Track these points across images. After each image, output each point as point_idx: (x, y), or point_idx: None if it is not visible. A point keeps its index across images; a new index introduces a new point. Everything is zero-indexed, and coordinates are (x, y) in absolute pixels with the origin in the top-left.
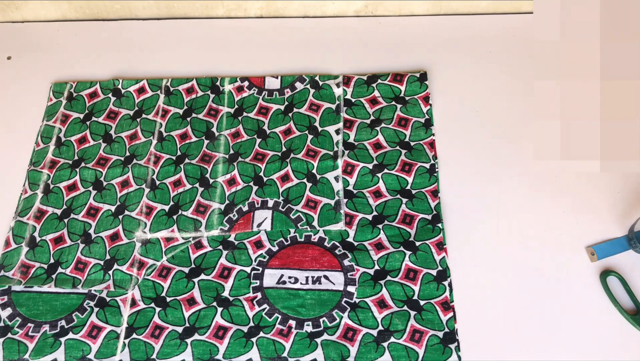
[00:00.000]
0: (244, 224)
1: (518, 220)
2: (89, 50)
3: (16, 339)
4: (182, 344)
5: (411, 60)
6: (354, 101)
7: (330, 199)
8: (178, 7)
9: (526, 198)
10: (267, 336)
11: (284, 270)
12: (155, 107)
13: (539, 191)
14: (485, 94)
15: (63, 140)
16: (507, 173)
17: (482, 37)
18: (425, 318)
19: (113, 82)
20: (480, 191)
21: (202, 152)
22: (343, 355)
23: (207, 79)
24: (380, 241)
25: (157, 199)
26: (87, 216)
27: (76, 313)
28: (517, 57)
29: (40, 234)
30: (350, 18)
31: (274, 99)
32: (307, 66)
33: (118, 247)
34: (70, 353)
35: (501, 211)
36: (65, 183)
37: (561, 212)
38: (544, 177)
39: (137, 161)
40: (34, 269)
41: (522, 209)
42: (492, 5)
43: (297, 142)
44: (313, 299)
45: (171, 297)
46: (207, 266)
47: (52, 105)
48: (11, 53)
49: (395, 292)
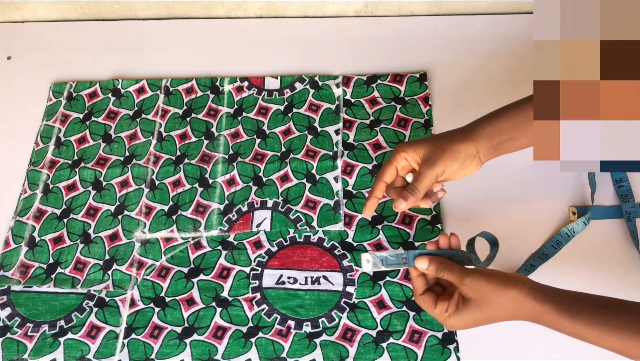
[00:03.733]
0: (244, 225)
1: (518, 220)
2: (89, 50)
3: (15, 339)
4: (181, 344)
5: (411, 60)
6: (354, 102)
7: (330, 200)
8: (178, 7)
9: (526, 198)
10: (266, 337)
11: (283, 270)
12: (154, 107)
13: (539, 192)
14: (485, 94)
15: (62, 140)
16: (507, 173)
17: (482, 37)
18: (425, 318)
19: (113, 82)
20: (480, 192)
21: (202, 153)
22: (342, 356)
23: (206, 79)
24: (380, 241)
25: (156, 199)
26: (87, 216)
27: (75, 313)
28: (517, 57)
29: (40, 234)
30: (350, 18)
31: (274, 99)
32: (307, 66)
33: (117, 247)
34: (69, 353)
35: (501, 212)
36: (65, 183)
37: (561, 212)
38: (544, 177)
39: (137, 161)
40: (33, 269)
41: (522, 209)
42: (492, 5)
43: (296, 143)
44: (312, 299)
45: (170, 297)
46: (206, 266)
47: (51, 105)
48: (11, 53)
49: (394, 293)
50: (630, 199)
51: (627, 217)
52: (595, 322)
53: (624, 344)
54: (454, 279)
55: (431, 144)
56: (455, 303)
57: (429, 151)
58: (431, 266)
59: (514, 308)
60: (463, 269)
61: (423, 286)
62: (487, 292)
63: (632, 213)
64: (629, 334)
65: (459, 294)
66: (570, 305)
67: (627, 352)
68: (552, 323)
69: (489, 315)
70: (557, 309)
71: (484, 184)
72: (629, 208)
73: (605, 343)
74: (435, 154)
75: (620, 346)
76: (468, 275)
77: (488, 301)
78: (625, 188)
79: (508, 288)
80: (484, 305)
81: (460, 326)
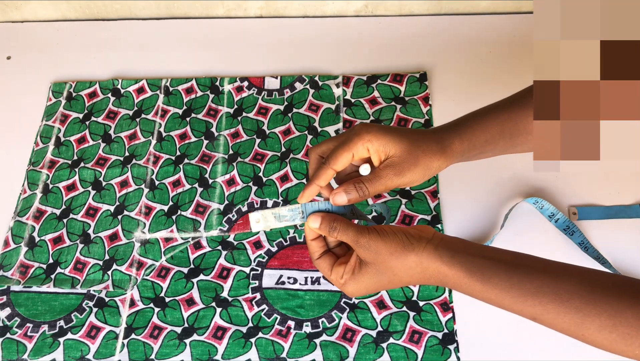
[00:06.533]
0: (243, 225)
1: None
2: (89, 50)
3: (15, 339)
4: (180, 344)
5: (411, 60)
6: (354, 101)
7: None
8: (178, 7)
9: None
10: (266, 337)
11: (283, 271)
12: (154, 107)
13: (539, 191)
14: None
15: (62, 140)
16: (507, 173)
17: (482, 37)
18: (425, 318)
19: (112, 82)
20: (480, 192)
21: (202, 153)
22: (342, 356)
23: (206, 79)
24: None
25: (156, 199)
26: (86, 216)
27: (75, 313)
28: (517, 57)
29: (39, 234)
30: (350, 18)
31: (274, 99)
32: (307, 66)
33: (117, 247)
34: (69, 353)
35: (501, 212)
36: (65, 183)
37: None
38: (544, 177)
39: (137, 161)
40: (32, 269)
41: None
42: (492, 5)
43: (296, 143)
44: (312, 299)
45: (170, 297)
46: (206, 266)
47: (51, 105)
48: (11, 53)
49: (394, 293)
50: (575, 232)
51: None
52: (507, 287)
53: (538, 310)
54: (349, 240)
55: (405, 148)
56: (352, 267)
57: (400, 156)
58: (322, 225)
59: (418, 272)
60: (359, 228)
61: (320, 249)
62: (384, 255)
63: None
64: (544, 300)
65: (357, 256)
66: (483, 267)
67: (540, 319)
68: (461, 287)
69: (391, 280)
70: (467, 272)
71: (484, 184)
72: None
73: (518, 309)
74: (406, 163)
75: (534, 312)
76: (363, 235)
77: (386, 265)
78: (561, 220)
79: (407, 250)
80: (383, 269)
81: (360, 292)
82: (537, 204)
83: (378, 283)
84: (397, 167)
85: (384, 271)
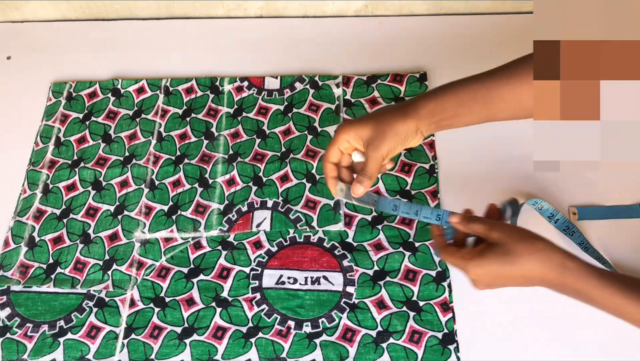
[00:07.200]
0: (243, 225)
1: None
2: (89, 50)
3: (15, 339)
4: (180, 344)
5: (411, 60)
6: (354, 101)
7: (330, 200)
8: (178, 7)
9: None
10: (266, 337)
11: (283, 270)
12: (154, 107)
13: (539, 191)
14: None
15: (62, 140)
16: (507, 173)
17: (482, 37)
18: (425, 318)
19: (112, 82)
20: (480, 192)
21: (202, 153)
22: (342, 356)
23: (206, 79)
24: (380, 241)
25: (156, 199)
26: (86, 216)
27: (75, 313)
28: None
29: (39, 234)
30: (350, 18)
31: (274, 99)
32: (307, 66)
33: (117, 247)
34: (69, 353)
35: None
36: (65, 183)
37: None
38: (544, 177)
39: (137, 161)
40: (32, 269)
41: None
42: (492, 5)
43: (296, 143)
44: (312, 299)
45: (170, 297)
46: (206, 266)
47: (51, 105)
48: (11, 53)
49: (394, 293)
50: (575, 232)
51: (583, 248)
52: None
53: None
54: (483, 230)
55: (372, 127)
56: (479, 249)
57: (371, 134)
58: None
59: (542, 259)
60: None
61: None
62: (515, 237)
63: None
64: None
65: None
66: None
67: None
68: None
69: (514, 262)
70: (586, 266)
71: (484, 184)
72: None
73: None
74: (377, 137)
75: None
76: (498, 224)
77: (516, 246)
78: (561, 221)
79: (536, 238)
80: (512, 250)
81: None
82: (537, 205)
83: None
84: (372, 144)
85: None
